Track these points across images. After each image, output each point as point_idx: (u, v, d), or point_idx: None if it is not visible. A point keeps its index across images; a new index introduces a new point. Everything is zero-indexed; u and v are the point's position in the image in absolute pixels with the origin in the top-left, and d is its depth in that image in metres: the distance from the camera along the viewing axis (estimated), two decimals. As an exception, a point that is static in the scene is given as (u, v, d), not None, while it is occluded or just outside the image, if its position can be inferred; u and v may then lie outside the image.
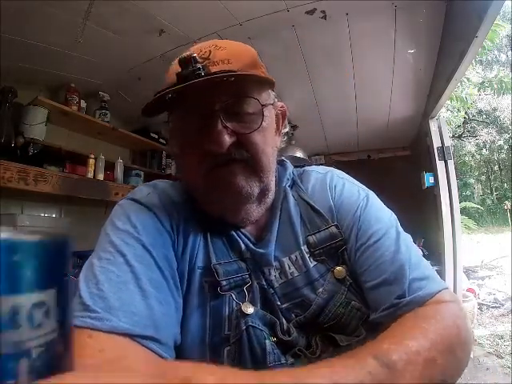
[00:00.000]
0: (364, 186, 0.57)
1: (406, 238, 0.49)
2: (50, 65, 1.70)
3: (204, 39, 0.52)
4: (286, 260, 0.48)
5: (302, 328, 0.44)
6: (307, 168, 0.61)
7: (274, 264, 0.48)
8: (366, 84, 2.01)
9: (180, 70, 0.42)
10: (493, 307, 3.63)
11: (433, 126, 2.14)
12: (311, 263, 0.48)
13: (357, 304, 0.46)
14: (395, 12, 1.45)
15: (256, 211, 0.51)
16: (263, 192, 0.50)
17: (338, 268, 0.47)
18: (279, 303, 0.46)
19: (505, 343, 2.81)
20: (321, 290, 0.46)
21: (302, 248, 0.49)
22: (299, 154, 2.48)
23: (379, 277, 0.45)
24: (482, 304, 3.69)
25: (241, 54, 0.47)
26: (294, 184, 0.57)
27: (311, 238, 0.49)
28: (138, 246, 0.41)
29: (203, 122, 0.44)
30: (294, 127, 2.52)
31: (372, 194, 0.55)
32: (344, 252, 0.49)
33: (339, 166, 0.62)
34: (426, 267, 0.46)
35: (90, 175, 1.88)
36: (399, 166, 2.95)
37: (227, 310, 0.43)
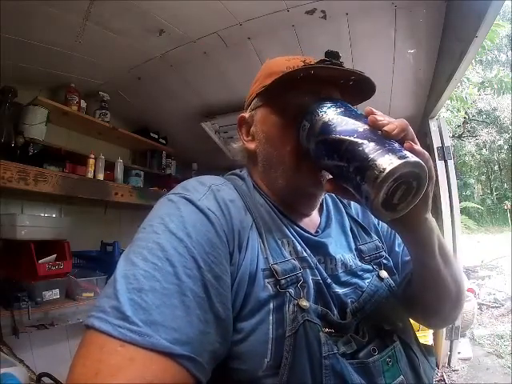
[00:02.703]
0: None
1: None
2: (50, 65, 1.70)
3: (204, 39, 0.53)
4: (340, 256, 0.54)
5: (354, 315, 0.49)
6: None
7: (333, 256, 0.53)
8: (365, 84, 2.01)
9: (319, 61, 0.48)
10: (493, 307, 3.64)
11: (433, 126, 2.14)
12: (361, 263, 0.56)
13: (394, 301, 0.53)
14: (395, 12, 1.45)
15: (318, 204, 0.59)
16: None
17: (381, 271, 0.56)
18: (338, 290, 0.50)
19: (505, 343, 2.81)
20: (369, 282, 0.53)
21: (355, 253, 0.57)
22: (299, 153, 2.49)
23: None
24: (482, 304, 3.69)
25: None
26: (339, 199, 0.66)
27: (363, 247, 0.58)
28: (189, 258, 0.39)
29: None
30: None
31: None
32: (384, 261, 0.58)
33: None
34: None
35: (90, 175, 1.88)
36: (399, 166, 2.95)
37: (286, 306, 0.44)
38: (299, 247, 0.50)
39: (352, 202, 0.65)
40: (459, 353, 2.31)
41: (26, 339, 1.50)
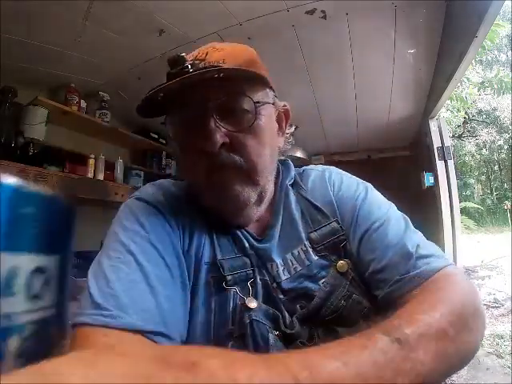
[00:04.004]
0: (363, 181, 0.58)
1: (410, 222, 0.50)
2: (49, 65, 1.70)
3: (204, 39, 0.53)
4: (289, 256, 0.49)
5: (304, 321, 0.45)
6: (307, 167, 0.61)
7: (278, 260, 0.49)
8: (365, 84, 2.01)
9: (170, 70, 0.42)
10: (493, 307, 3.63)
11: (433, 126, 2.14)
12: (314, 257, 0.49)
13: (358, 297, 0.47)
14: (395, 12, 1.45)
15: (256, 212, 0.51)
16: (261, 194, 0.50)
17: (340, 262, 0.48)
18: (281, 296, 0.46)
19: (505, 343, 2.81)
20: (323, 282, 0.47)
21: (305, 243, 0.50)
22: (299, 154, 2.49)
23: (384, 259, 0.45)
24: (482, 304, 3.69)
25: (237, 55, 0.47)
26: (294, 183, 0.57)
27: (313, 235, 0.50)
28: (146, 244, 0.42)
29: (197, 121, 0.44)
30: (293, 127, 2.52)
31: (371, 187, 0.56)
32: (346, 246, 0.50)
33: (339, 165, 0.62)
34: (432, 246, 0.47)
35: (90, 175, 1.88)
36: (399, 166, 2.95)
37: (231, 304, 0.43)
38: (247, 244, 0.49)
39: (309, 181, 0.57)
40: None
41: (25, 339, 1.50)
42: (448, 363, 0.32)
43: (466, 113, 7.52)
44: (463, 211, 7.61)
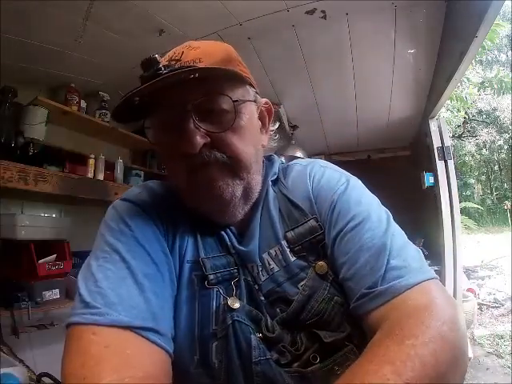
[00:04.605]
0: (348, 173, 0.54)
1: (393, 224, 0.46)
2: (50, 65, 1.70)
3: (204, 39, 0.52)
4: (265, 256, 0.48)
5: (286, 324, 0.44)
6: (292, 162, 0.59)
7: (257, 261, 0.48)
8: (365, 84, 2.01)
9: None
10: (493, 307, 3.63)
11: (433, 126, 2.14)
12: (292, 258, 0.46)
13: (340, 299, 0.44)
14: (395, 12, 1.45)
15: (242, 210, 0.50)
16: (247, 191, 0.49)
17: (319, 263, 0.45)
18: (263, 299, 0.46)
19: (505, 343, 2.81)
20: (302, 286, 0.45)
21: (282, 243, 0.47)
22: (299, 153, 2.48)
23: (354, 265, 0.42)
24: (482, 304, 3.69)
25: (213, 52, 0.46)
26: (276, 179, 0.55)
27: (289, 234, 0.47)
28: (132, 242, 0.42)
29: (175, 124, 0.43)
30: (293, 127, 2.52)
31: (355, 179, 0.52)
32: (325, 246, 0.47)
33: (339, 165, 0.59)
34: (411, 255, 0.42)
35: (90, 175, 1.88)
36: (399, 166, 2.95)
37: (214, 304, 0.43)
38: (230, 243, 0.49)
39: (290, 177, 0.54)
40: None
41: (25, 339, 1.49)
42: None
43: (466, 113, 7.51)
44: (463, 211, 7.61)
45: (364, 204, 0.47)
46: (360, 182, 0.53)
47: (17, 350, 1.34)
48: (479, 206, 9.53)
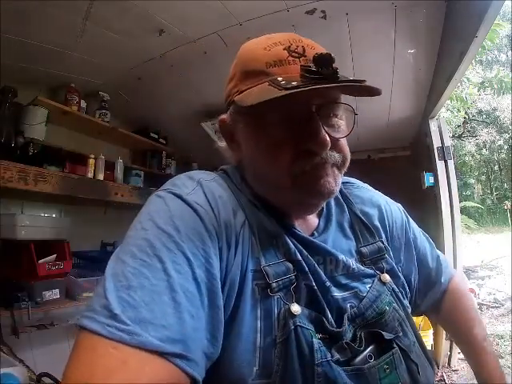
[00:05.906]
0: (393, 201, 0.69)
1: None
2: (49, 65, 1.70)
3: (204, 39, 0.52)
4: (342, 257, 0.51)
5: (353, 320, 0.47)
6: (346, 178, 0.64)
7: (337, 255, 0.50)
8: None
9: (303, 65, 0.43)
10: (493, 307, 3.63)
11: (433, 126, 2.14)
12: (361, 267, 0.53)
13: (396, 306, 0.51)
14: (395, 12, 1.45)
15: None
16: None
17: (383, 274, 0.53)
18: (336, 294, 0.47)
19: (505, 343, 2.81)
20: (370, 287, 0.51)
21: (354, 253, 0.54)
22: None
23: (421, 271, 0.64)
24: (482, 304, 3.69)
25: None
26: (340, 191, 0.60)
27: (364, 249, 0.55)
28: (178, 253, 0.38)
29: (303, 121, 0.45)
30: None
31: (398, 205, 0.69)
32: (385, 262, 0.56)
33: None
34: (438, 251, 0.69)
35: (90, 175, 1.88)
36: (399, 166, 2.95)
37: (276, 311, 0.42)
38: (293, 249, 0.47)
39: (356, 197, 0.61)
40: (459, 353, 2.31)
41: (25, 339, 1.50)
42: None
43: (466, 113, 7.52)
44: (463, 211, 7.61)
45: (417, 230, 0.69)
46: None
47: (17, 349, 1.34)
48: (479, 206, 9.53)
